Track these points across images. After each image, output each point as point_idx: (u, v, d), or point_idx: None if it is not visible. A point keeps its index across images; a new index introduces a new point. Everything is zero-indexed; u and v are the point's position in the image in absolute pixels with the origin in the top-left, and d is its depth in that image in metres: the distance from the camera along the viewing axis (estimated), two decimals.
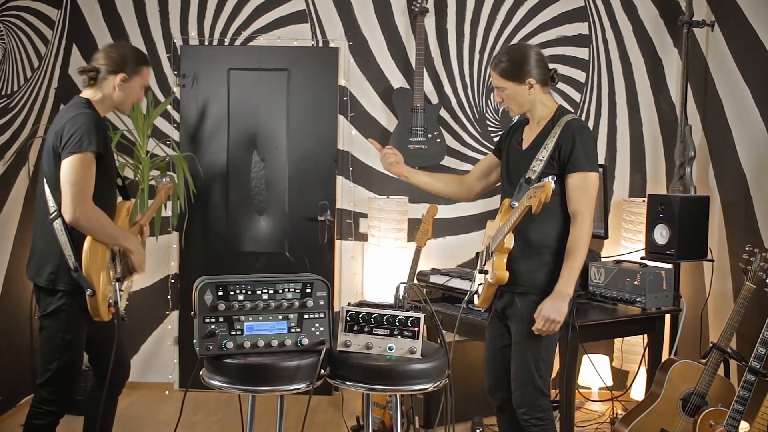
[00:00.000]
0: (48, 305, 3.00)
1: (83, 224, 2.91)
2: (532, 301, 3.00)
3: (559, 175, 3.00)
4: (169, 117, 5.18)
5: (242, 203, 5.19)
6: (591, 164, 3.00)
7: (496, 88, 3.14)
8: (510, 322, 3.12)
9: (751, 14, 4.09)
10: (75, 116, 2.96)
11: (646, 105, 5.09)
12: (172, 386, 5.19)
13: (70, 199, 2.89)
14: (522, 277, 3.03)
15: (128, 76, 3.10)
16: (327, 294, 2.70)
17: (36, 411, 3.03)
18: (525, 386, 3.05)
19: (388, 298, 2.81)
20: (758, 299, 3.39)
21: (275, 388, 2.55)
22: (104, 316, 3.02)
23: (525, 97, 3.09)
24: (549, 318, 2.93)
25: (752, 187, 4.04)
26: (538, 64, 3.08)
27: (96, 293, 2.94)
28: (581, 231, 2.96)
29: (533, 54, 3.09)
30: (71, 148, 2.90)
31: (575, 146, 2.97)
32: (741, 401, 3.19)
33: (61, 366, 3.00)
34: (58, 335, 2.99)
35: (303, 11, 5.15)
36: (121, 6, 5.16)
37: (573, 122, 3.04)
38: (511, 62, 3.07)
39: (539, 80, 3.08)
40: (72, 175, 2.89)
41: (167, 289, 5.19)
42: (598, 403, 4.88)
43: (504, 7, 5.11)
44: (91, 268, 2.94)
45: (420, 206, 5.00)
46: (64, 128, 2.94)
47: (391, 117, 5.13)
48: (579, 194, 2.97)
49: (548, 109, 3.12)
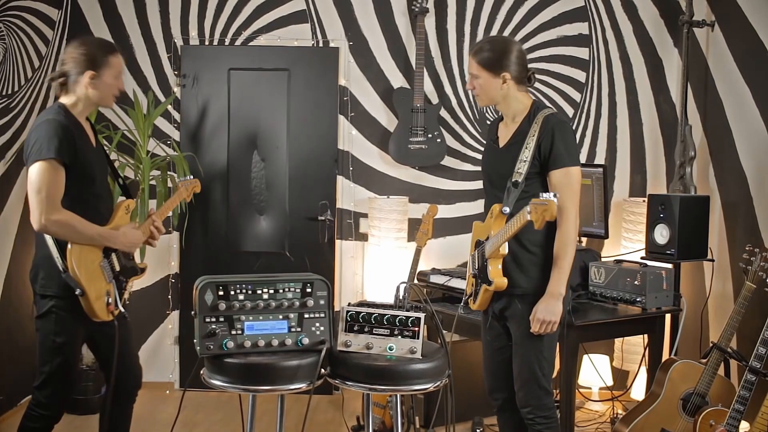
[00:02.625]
0: (41, 308, 2.99)
1: (53, 230, 2.87)
2: (531, 302, 2.99)
3: (540, 172, 2.99)
4: (169, 117, 5.18)
5: (243, 203, 5.19)
6: (572, 159, 2.98)
7: (470, 74, 3.09)
8: (509, 323, 3.11)
9: (751, 14, 4.09)
10: (38, 125, 2.92)
11: (646, 105, 5.09)
12: (173, 386, 5.19)
13: (35, 206, 2.85)
14: (518, 278, 3.02)
15: (97, 72, 3.00)
16: (327, 293, 2.71)
17: (31, 413, 3.02)
18: (529, 386, 3.04)
19: (389, 298, 2.81)
20: (758, 299, 3.39)
21: (275, 387, 2.56)
22: (102, 316, 2.99)
23: (497, 90, 3.04)
24: (544, 320, 2.93)
25: (752, 186, 4.04)
26: (517, 61, 3.04)
27: (85, 293, 2.90)
28: (567, 229, 2.95)
29: (515, 50, 3.05)
30: (32, 157, 2.86)
31: (555, 142, 2.95)
32: (741, 401, 3.19)
33: (54, 368, 2.98)
34: (50, 337, 2.97)
35: (303, 11, 5.15)
36: (122, 6, 5.16)
37: (550, 117, 3.00)
38: (491, 52, 3.03)
39: (515, 77, 3.03)
40: (35, 183, 2.85)
41: (168, 289, 5.19)
42: (598, 403, 4.88)
43: (504, 7, 5.10)
44: (78, 267, 2.90)
45: (420, 206, 5.00)
46: (30, 137, 2.91)
47: (392, 117, 5.13)
48: (562, 190, 2.94)
49: (523, 105, 3.08)
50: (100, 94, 3.05)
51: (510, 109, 3.10)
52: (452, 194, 5.17)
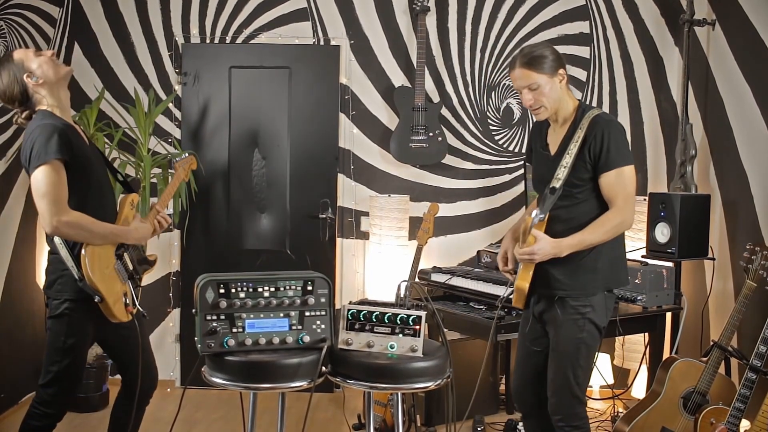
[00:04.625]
0: (54, 309, 2.99)
1: (65, 232, 2.86)
2: (570, 306, 2.93)
3: (593, 177, 2.91)
4: (170, 115, 5.18)
5: (244, 201, 5.19)
6: (624, 159, 2.90)
7: (524, 89, 2.92)
8: (548, 327, 3.03)
9: (752, 13, 4.09)
10: (32, 130, 2.90)
11: (647, 103, 5.09)
12: (174, 383, 5.20)
13: (44, 211, 2.83)
14: (558, 280, 2.93)
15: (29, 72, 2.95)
16: (328, 291, 2.71)
17: (34, 411, 3.02)
18: (561, 393, 2.97)
19: (390, 297, 2.81)
20: (759, 298, 3.40)
21: (276, 385, 2.56)
22: (122, 317, 2.99)
23: (557, 91, 2.92)
24: (531, 252, 2.83)
25: (753, 185, 4.04)
26: (561, 58, 2.95)
27: (104, 299, 2.91)
28: (610, 216, 2.87)
29: (552, 51, 2.95)
30: (33, 163, 2.84)
31: (605, 144, 2.86)
32: (742, 399, 3.19)
33: (61, 369, 2.98)
34: (60, 338, 2.97)
35: (304, 9, 5.15)
36: (123, 4, 5.16)
37: (598, 119, 2.92)
38: (541, 55, 2.90)
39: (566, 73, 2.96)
40: (40, 188, 2.83)
41: (169, 287, 5.20)
42: (599, 402, 4.88)
43: (505, 5, 5.10)
44: (94, 274, 2.90)
45: (421, 205, 5.00)
46: (25, 145, 2.89)
47: (393, 115, 5.13)
48: (616, 189, 2.87)
49: (572, 106, 2.99)
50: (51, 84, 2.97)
51: (561, 112, 2.99)
52: (453, 193, 5.17)
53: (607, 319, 3.00)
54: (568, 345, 2.94)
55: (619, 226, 2.90)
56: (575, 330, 2.92)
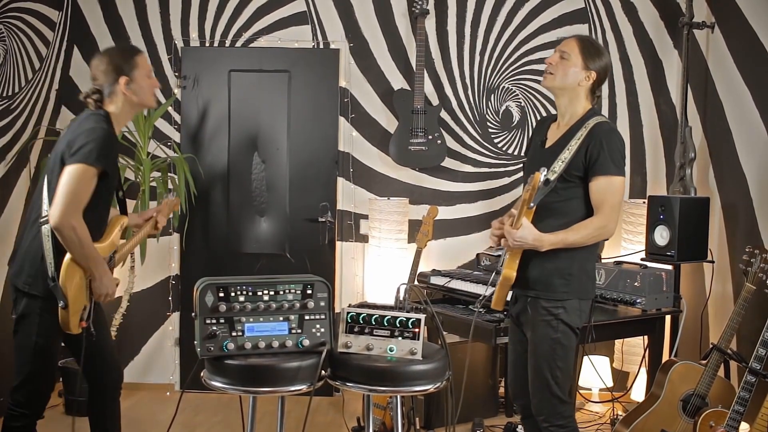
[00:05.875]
0: (22, 308, 2.99)
1: (65, 233, 2.87)
2: (542, 307, 2.96)
3: (584, 177, 2.95)
4: (169, 118, 5.19)
5: (243, 204, 5.19)
6: (617, 168, 2.94)
7: (559, 51, 3.05)
8: (525, 329, 3.08)
9: (751, 15, 4.10)
10: (93, 128, 2.94)
11: (646, 106, 5.09)
12: (173, 387, 5.20)
13: (60, 204, 2.85)
14: (532, 281, 2.97)
15: (129, 76, 3.07)
16: (328, 295, 2.71)
17: (11, 413, 3.02)
18: (542, 393, 3.00)
19: (389, 300, 2.81)
20: (758, 300, 3.40)
21: (276, 389, 2.57)
22: (73, 330, 2.99)
23: (574, 78, 3.03)
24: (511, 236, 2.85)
25: (752, 188, 4.04)
26: (606, 70, 3.09)
27: (68, 306, 2.91)
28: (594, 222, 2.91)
29: (609, 61, 3.13)
30: (78, 157, 2.87)
31: (602, 150, 2.91)
32: (741, 402, 3.19)
33: (33, 369, 2.98)
34: (31, 339, 2.97)
35: (304, 13, 5.16)
36: (122, 7, 5.17)
37: (602, 125, 2.99)
38: (595, 47, 3.06)
39: (596, 81, 3.05)
40: (70, 184, 2.86)
41: (168, 291, 5.19)
42: (598, 404, 4.88)
43: (504, 8, 5.11)
44: (68, 281, 2.91)
45: (420, 208, 5.00)
46: (78, 137, 2.91)
47: (392, 118, 5.13)
48: (604, 196, 2.92)
49: (582, 110, 3.06)
50: (140, 96, 3.11)
51: (570, 108, 3.07)
52: (452, 195, 5.17)
53: (581, 321, 3.02)
54: (543, 345, 2.98)
55: (602, 230, 2.94)
56: (549, 330, 2.96)
